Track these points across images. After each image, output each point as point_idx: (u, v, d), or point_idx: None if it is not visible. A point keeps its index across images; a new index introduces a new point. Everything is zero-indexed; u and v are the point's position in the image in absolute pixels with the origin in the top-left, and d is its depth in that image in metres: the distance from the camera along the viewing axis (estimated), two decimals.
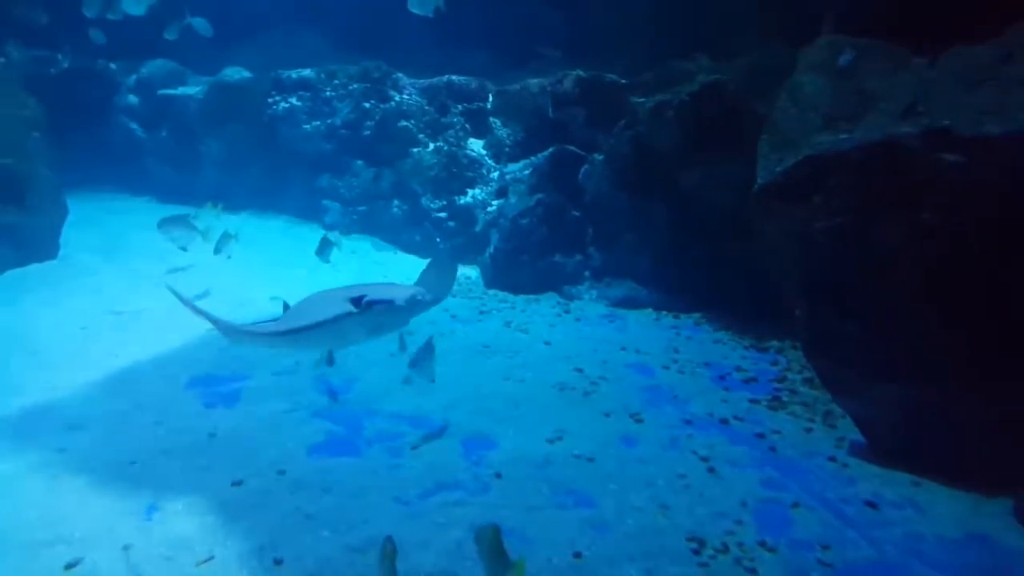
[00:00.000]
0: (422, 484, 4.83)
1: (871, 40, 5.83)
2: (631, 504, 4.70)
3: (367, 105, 11.80)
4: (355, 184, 11.79)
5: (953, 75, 5.21)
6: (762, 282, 7.18)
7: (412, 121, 11.37)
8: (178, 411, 5.72)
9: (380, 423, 5.65)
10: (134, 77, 13.95)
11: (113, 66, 14.07)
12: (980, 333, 4.72)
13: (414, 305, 3.71)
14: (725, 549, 4.25)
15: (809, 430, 5.67)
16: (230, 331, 4.26)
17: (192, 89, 13.55)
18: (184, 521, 4.27)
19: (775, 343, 7.44)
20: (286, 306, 4.52)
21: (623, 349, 7.48)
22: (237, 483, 4.67)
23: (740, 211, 6.49)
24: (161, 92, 13.63)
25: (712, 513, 4.59)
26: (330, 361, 5.95)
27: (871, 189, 5.19)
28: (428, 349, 5.95)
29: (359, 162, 11.90)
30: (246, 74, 13.12)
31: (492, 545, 3.17)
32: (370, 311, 3.67)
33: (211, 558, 3.93)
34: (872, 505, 4.69)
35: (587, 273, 9.51)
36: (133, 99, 13.92)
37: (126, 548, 3.96)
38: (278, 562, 3.94)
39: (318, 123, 12.32)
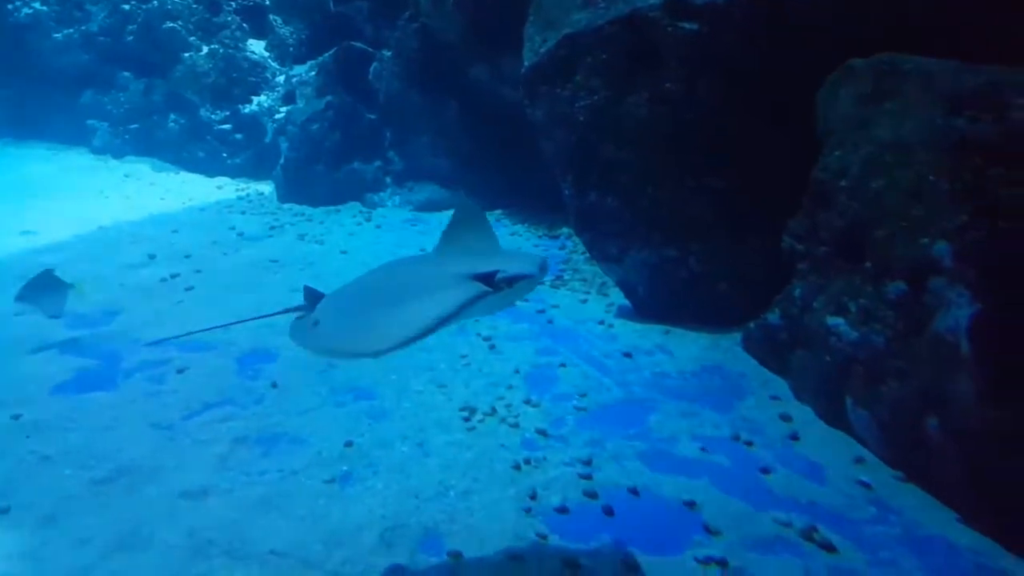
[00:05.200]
0: (187, 406, 4.55)
1: None
2: (411, 389, 4.74)
3: (127, 7, 10.46)
4: (123, 99, 10.56)
5: None
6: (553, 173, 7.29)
7: (180, 22, 10.23)
8: None
9: (143, 352, 5.22)
10: None
11: None
12: (714, 194, 5.07)
13: (544, 272, 3.10)
14: (493, 412, 4.44)
15: (584, 301, 6.01)
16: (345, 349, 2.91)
17: None
18: None
19: (566, 230, 7.65)
20: (309, 292, 3.32)
21: (422, 250, 7.39)
22: None
23: None
24: None
25: (486, 384, 4.76)
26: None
27: (622, 63, 5.28)
28: (47, 280, 5.32)
29: (125, 73, 10.64)
30: None
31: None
32: (510, 289, 2.95)
33: None
34: (628, 355, 5.08)
35: (388, 179, 9.22)
36: None
37: None
38: (4, 511, 3.56)
39: (71, 31, 10.82)
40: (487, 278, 2.92)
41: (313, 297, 3.27)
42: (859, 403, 3.94)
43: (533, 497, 3.71)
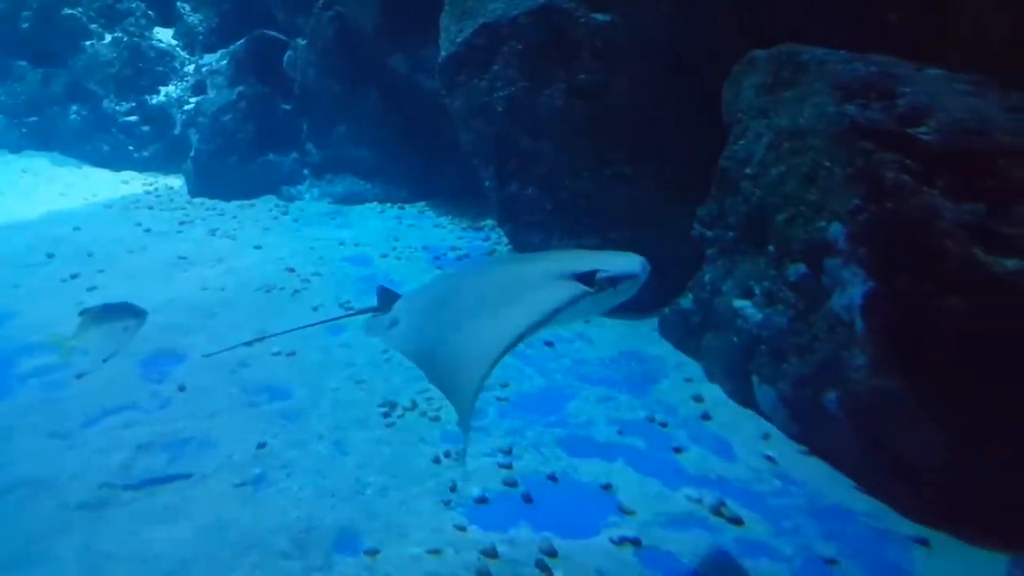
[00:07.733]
0: (86, 413, 4.33)
1: None
2: (328, 387, 4.63)
3: None
4: (20, 90, 9.95)
5: None
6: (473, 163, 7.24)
7: (80, 8, 9.69)
8: None
9: (40, 357, 4.93)
10: None
11: None
12: (630, 183, 5.13)
13: (646, 271, 2.75)
14: (414, 406, 4.38)
15: None
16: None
17: None
18: None
19: (490, 222, 7.60)
20: (383, 291, 3.23)
21: (342, 244, 7.24)
22: None
23: None
24: None
25: (407, 379, 4.66)
26: None
27: (538, 54, 5.29)
28: None
29: (21, 62, 10.02)
30: None
31: None
32: (613, 289, 2.65)
33: None
34: (549, 344, 5.11)
35: (306, 171, 8.97)
36: None
37: None
38: None
39: None
40: (587, 277, 2.66)
41: (388, 297, 3.21)
42: (764, 381, 4.08)
43: (453, 489, 3.68)
